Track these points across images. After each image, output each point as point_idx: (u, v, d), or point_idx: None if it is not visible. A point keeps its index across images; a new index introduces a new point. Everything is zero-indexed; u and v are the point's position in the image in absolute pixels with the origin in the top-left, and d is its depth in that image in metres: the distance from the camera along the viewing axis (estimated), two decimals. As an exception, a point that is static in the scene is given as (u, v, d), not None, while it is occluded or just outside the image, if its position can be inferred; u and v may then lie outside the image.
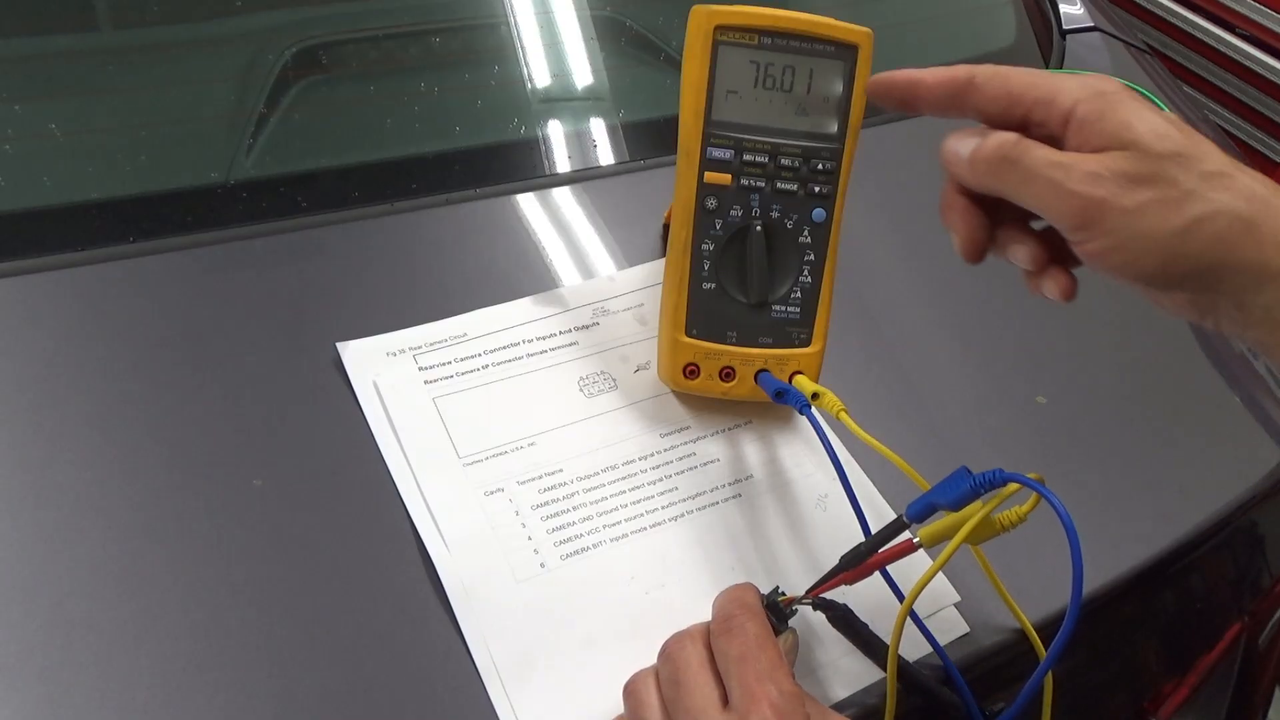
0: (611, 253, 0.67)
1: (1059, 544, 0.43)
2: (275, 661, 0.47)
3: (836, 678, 0.51)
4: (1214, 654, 0.71)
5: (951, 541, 0.45)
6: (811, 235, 0.58)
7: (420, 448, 0.54)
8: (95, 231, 0.60)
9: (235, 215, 0.63)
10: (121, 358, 0.55)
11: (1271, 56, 1.83)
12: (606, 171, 0.72)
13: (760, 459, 0.59)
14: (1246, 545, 0.72)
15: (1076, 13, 1.07)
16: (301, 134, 0.69)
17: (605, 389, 0.59)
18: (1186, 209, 0.40)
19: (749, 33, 0.55)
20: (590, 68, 0.77)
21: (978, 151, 0.45)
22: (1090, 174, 0.41)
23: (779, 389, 0.57)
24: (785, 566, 0.54)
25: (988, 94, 0.46)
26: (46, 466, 0.51)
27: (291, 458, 0.53)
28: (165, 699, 0.45)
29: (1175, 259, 0.41)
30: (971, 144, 0.46)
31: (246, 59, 0.69)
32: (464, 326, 0.60)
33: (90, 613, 0.46)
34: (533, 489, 0.54)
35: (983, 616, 0.55)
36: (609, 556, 0.53)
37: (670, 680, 0.45)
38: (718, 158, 0.56)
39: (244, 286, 0.60)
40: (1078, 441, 0.66)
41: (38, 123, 0.63)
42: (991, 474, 0.45)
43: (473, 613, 0.49)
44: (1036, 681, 0.46)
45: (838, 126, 0.57)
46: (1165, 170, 0.41)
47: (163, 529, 0.50)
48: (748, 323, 0.58)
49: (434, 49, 0.76)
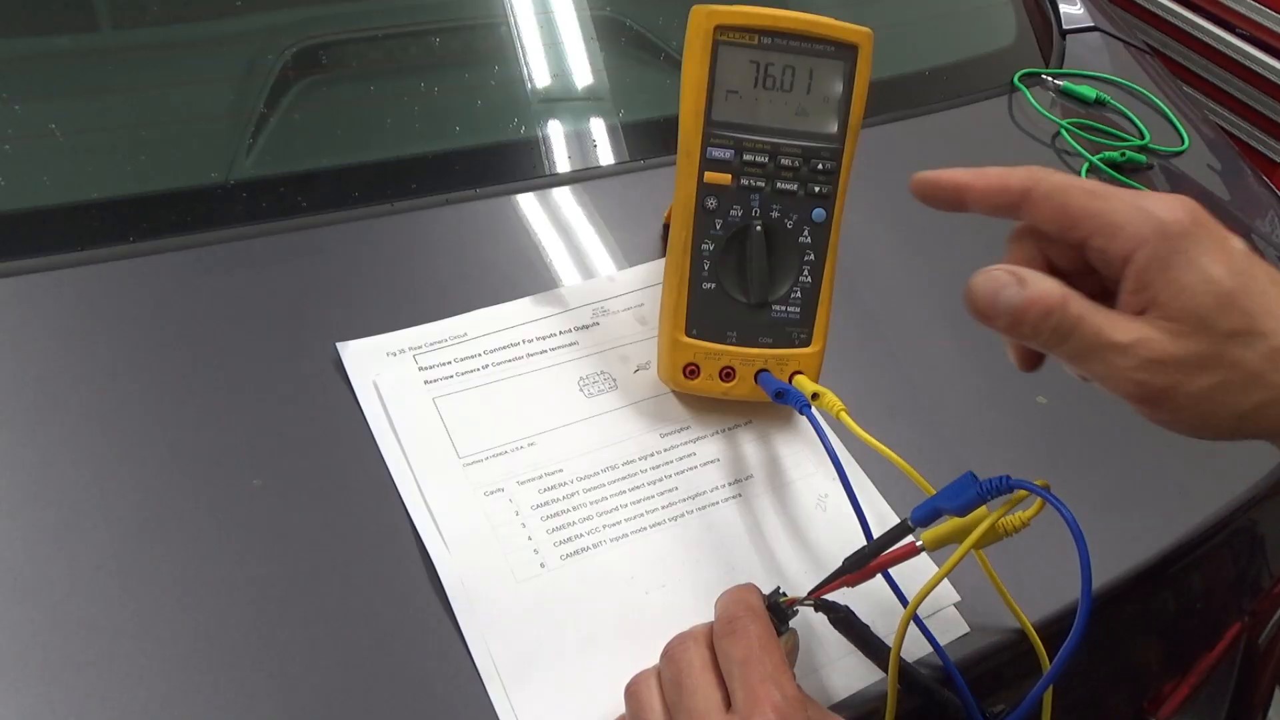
0: (611, 253, 0.67)
1: (1059, 544, 0.43)
2: (275, 661, 0.47)
3: (837, 678, 0.51)
4: (1214, 654, 0.71)
5: (959, 549, 0.45)
6: (811, 235, 0.58)
7: (420, 448, 0.54)
8: (95, 231, 0.60)
9: (235, 215, 0.63)
10: (121, 358, 0.55)
11: (1271, 56, 1.83)
12: (606, 171, 0.72)
13: (760, 459, 0.59)
14: (1246, 545, 0.72)
15: (1076, 13, 1.07)
16: (301, 134, 0.69)
17: (605, 389, 0.59)
18: (1252, 394, 0.39)
19: (749, 33, 0.55)
20: (590, 68, 0.77)
21: (1020, 312, 0.41)
22: (1152, 361, 0.39)
23: (779, 389, 0.57)
24: (785, 566, 0.54)
25: (1044, 212, 0.42)
26: (46, 466, 0.51)
27: (291, 458, 0.53)
28: (165, 699, 0.45)
29: (1237, 432, 0.41)
30: (1010, 296, 0.41)
31: (246, 59, 0.69)
32: (464, 326, 0.60)
33: (90, 613, 0.46)
34: (533, 489, 0.54)
35: (983, 616, 0.54)
36: (609, 556, 0.53)
37: (672, 682, 0.45)
38: (718, 158, 0.56)
39: (244, 286, 0.60)
40: (1078, 441, 0.66)
41: (38, 123, 0.63)
42: (998, 480, 0.44)
43: (473, 613, 0.49)
44: (1040, 691, 0.46)
45: (838, 126, 0.57)
46: (1230, 352, 0.39)
47: (163, 529, 0.49)
48: (748, 323, 0.58)
49: (434, 49, 0.76)
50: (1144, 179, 0.89)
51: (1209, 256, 0.39)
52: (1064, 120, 0.90)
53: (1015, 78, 0.94)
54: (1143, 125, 0.94)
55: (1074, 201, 0.42)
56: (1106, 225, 0.41)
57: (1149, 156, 0.91)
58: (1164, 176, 0.91)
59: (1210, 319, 0.39)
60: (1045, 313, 0.40)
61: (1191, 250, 0.39)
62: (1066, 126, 0.90)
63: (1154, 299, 0.40)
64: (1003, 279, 0.41)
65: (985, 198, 0.44)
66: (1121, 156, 0.88)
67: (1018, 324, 0.41)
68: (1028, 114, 0.91)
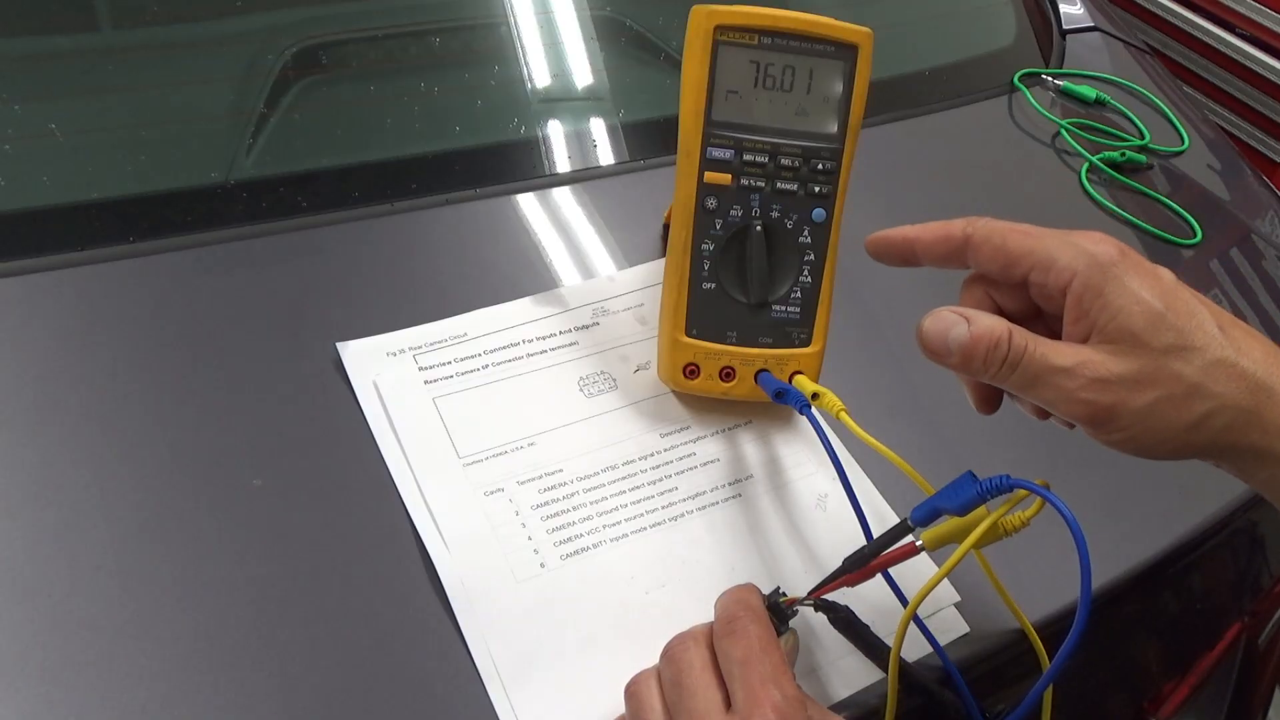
0: (611, 253, 0.67)
1: (1059, 544, 0.43)
2: (275, 661, 0.47)
3: (836, 678, 0.51)
4: (1214, 654, 0.71)
5: (959, 549, 0.45)
6: (811, 235, 0.58)
7: (420, 448, 0.54)
8: (95, 231, 0.60)
9: (235, 215, 0.63)
10: (121, 358, 0.55)
11: (1271, 56, 1.83)
12: (606, 171, 0.72)
13: (760, 459, 0.59)
14: (1246, 545, 0.72)
15: (1076, 13, 1.07)
16: (301, 134, 0.69)
17: (605, 389, 0.59)
18: (1194, 406, 0.42)
19: (749, 33, 0.55)
20: (590, 68, 0.77)
21: (969, 348, 0.44)
22: (1096, 381, 0.42)
23: (779, 389, 0.57)
24: (785, 566, 0.54)
25: (984, 254, 0.46)
26: (46, 466, 0.51)
27: (291, 458, 0.53)
28: (165, 699, 0.45)
29: (1186, 446, 0.43)
30: (958, 334, 0.44)
31: (246, 59, 0.69)
32: (464, 326, 0.60)
33: (90, 612, 0.46)
34: (533, 489, 0.54)
35: (983, 616, 0.54)
36: (609, 556, 0.53)
37: (672, 682, 0.45)
38: (718, 158, 0.56)
39: (244, 286, 0.60)
40: (1078, 441, 0.66)
41: (38, 123, 0.63)
42: (998, 480, 0.44)
43: (473, 613, 0.49)
44: (1039, 691, 0.46)
45: (838, 126, 0.57)
46: (1168, 366, 0.42)
47: (163, 529, 0.49)
48: (748, 323, 0.58)
49: (434, 49, 0.76)
50: (1144, 179, 0.89)
51: (1138, 281, 0.43)
52: (1064, 120, 0.91)
53: (1015, 78, 0.94)
54: (1143, 125, 0.94)
55: (1011, 242, 0.45)
56: (1042, 260, 0.44)
57: (1149, 156, 0.91)
58: (1164, 176, 0.91)
59: (1145, 336, 0.42)
60: (992, 345, 0.43)
61: (1122, 276, 0.43)
62: (1066, 126, 0.90)
63: (1093, 324, 0.43)
64: (950, 318, 0.45)
65: (930, 248, 0.48)
66: (1121, 156, 0.88)
67: (968, 359, 0.44)
68: (1028, 114, 0.91)
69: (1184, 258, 0.83)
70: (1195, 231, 0.85)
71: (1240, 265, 0.86)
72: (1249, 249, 0.89)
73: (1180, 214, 0.86)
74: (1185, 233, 0.85)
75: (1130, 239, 0.83)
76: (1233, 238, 0.89)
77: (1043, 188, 0.86)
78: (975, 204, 0.81)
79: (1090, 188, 0.85)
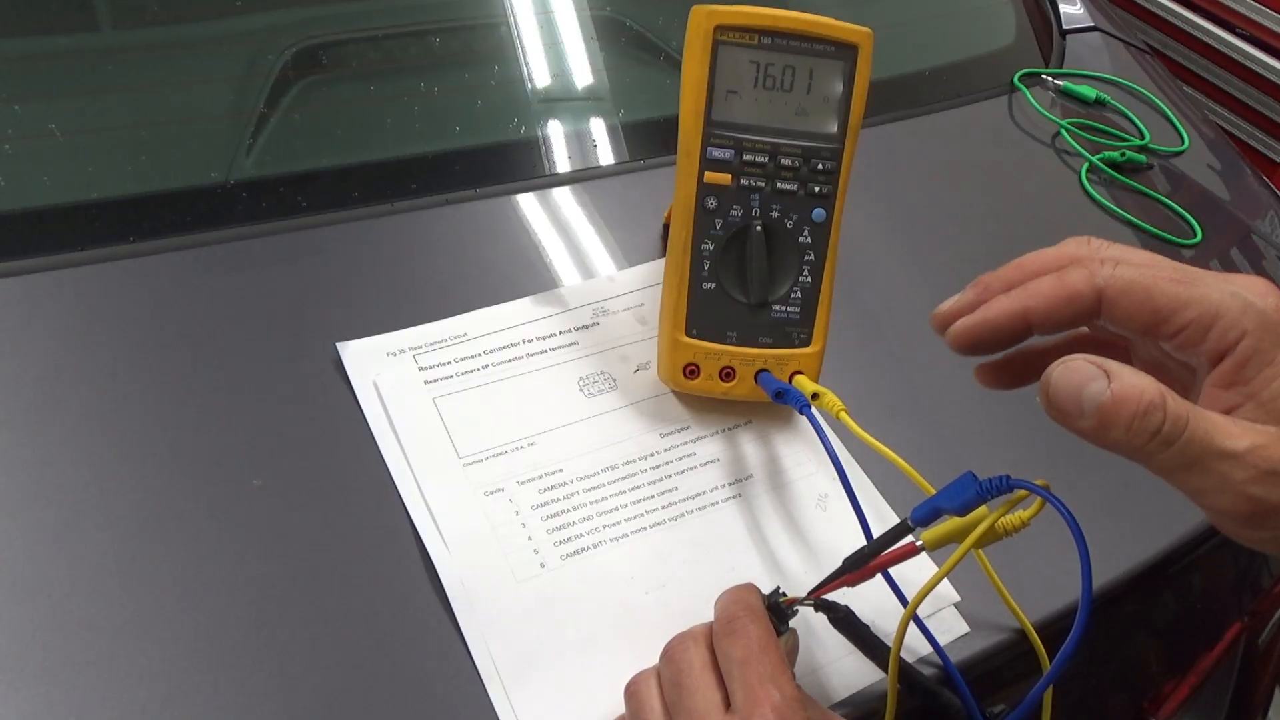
0: (611, 253, 0.67)
1: (1060, 544, 0.43)
2: (275, 661, 0.47)
3: (836, 678, 0.51)
4: (1214, 654, 0.71)
5: (959, 549, 0.45)
6: (811, 235, 0.58)
7: (420, 448, 0.54)
8: (95, 231, 0.60)
9: (235, 215, 0.63)
10: (121, 358, 0.55)
11: (1271, 56, 1.83)
12: (606, 171, 0.72)
13: (760, 459, 0.59)
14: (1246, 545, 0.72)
15: (1076, 13, 1.07)
16: (301, 134, 0.69)
17: (605, 389, 0.59)
18: None
19: (749, 33, 0.55)
20: (590, 68, 0.77)
21: (1110, 411, 0.34)
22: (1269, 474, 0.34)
23: (779, 389, 0.57)
24: (785, 566, 0.54)
25: (1123, 310, 0.37)
26: (46, 466, 0.51)
27: (291, 458, 0.53)
28: (165, 699, 0.45)
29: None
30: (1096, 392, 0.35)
31: (246, 59, 0.69)
32: (464, 326, 0.60)
33: (90, 612, 0.46)
34: (533, 489, 0.54)
35: (983, 616, 0.54)
36: (609, 556, 0.53)
37: (672, 682, 0.45)
38: (718, 158, 0.56)
39: (244, 286, 0.60)
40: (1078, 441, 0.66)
41: (38, 123, 0.63)
42: (998, 480, 0.44)
43: (473, 613, 0.49)
44: (1040, 691, 0.46)
45: (837, 126, 0.57)
46: None
47: (163, 529, 0.49)
48: (748, 323, 0.58)
49: (434, 49, 0.76)
50: (1144, 179, 0.89)
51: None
52: (1064, 120, 0.90)
53: (1015, 78, 0.94)
54: (1143, 125, 0.94)
55: (1158, 293, 0.36)
56: (1203, 313, 0.36)
57: (1149, 156, 0.91)
58: (1164, 176, 0.91)
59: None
60: (1141, 411, 0.34)
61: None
62: (1066, 126, 0.90)
63: (1251, 395, 0.35)
64: (1087, 371, 0.35)
65: (1049, 317, 0.38)
66: (1121, 156, 0.88)
67: (1107, 425, 0.35)
68: (1028, 114, 0.91)
69: (1184, 258, 0.83)
70: (1195, 231, 0.85)
71: (1240, 265, 0.87)
72: (1249, 249, 0.89)
73: (1180, 214, 0.86)
74: (1185, 233, 0.85)
75: (1130, 239, 0.83)
76: (1233, 238, 0.89)
77: (1043, 188, 0.86)
78: (975, 204, 0.81)
79: (1090, 188, 0.85)
